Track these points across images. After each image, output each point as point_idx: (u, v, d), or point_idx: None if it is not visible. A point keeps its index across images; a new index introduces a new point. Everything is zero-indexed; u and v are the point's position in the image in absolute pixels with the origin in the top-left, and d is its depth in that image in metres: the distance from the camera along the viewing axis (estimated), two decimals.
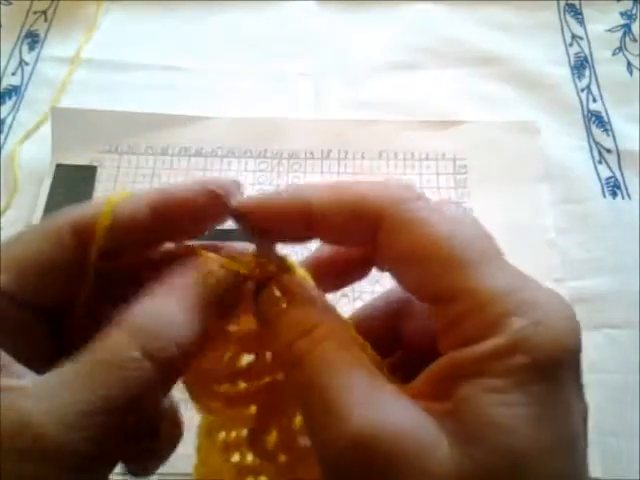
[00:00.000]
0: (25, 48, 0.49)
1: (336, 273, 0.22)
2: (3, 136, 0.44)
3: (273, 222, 0.20)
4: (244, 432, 0.20)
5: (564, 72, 0.48)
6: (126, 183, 0.41)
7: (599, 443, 0.33)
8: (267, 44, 0.49)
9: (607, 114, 0.46)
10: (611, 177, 0.43)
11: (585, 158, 0.44)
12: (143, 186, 0.41)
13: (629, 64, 0.48)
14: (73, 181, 0.41)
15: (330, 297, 0.37)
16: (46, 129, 0.43)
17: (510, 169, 0.42)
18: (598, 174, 0.43)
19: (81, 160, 0.42)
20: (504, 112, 0.45)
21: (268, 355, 0.20)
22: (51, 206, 0.40)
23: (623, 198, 0.42)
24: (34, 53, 0.48)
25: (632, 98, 0.46)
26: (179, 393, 0.20)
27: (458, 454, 0.16)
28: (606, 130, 0.45)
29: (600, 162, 0.43)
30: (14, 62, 0.48)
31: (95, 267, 0.18)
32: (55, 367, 0.17)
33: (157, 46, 0.49)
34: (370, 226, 0.18)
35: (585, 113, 0.46)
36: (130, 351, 0.17)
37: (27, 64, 0.48)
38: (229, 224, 0.20)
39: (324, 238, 0.20)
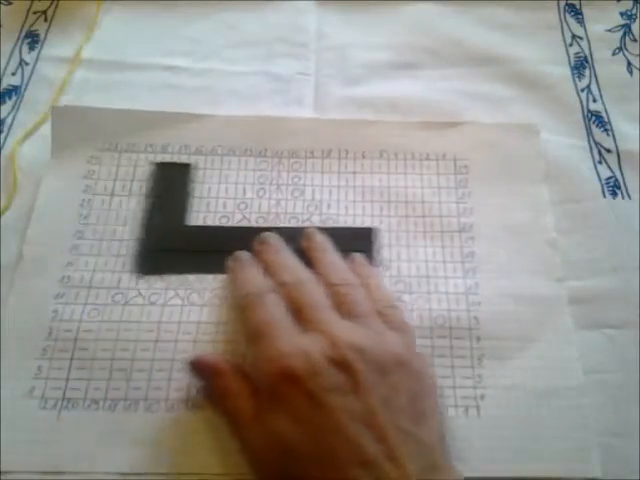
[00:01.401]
0: (25, 48, 0.49)
1: None
2: (3, 136, 0.44)
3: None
4: None
5: (564, 72, 0.48)
6: (126, 181, 0.41)
7: (599, 443, 0.33)
8: (267, 44, 0.49)
9: (607, 114, 0.46)
10: (611, 177, 0.43)
11: (585, 158, 0.44)
12: (143, 184, 0.41)
13: (629, 64, 0.48)
14: (170, 179, 0.41)
15: None
16: (46, 129, 0.43)
17: (510, 169, 0.42)
18: (598, 174, 0.43)
19: (80, 158, 0.42)
20: (504, 112, 0.46)
21: None
22: (150, 203, 0.40)
23: (623, 198, 0.42)
24: (34, 53, 0.48)
25: (632, 98, 0.46)
26: None
27: None
28: (606, 130, 0.45)
29: (600, 162, 0.44)
30: (14, 62, 0.48)
31: None
32: None
33: (157, 46, 0.49)
34: None
35: (585, 113, 0.46)
36: None
37: (27, 64, 0.48)
38: None
39: None
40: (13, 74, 0.47)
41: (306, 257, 0.37)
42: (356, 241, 0.39)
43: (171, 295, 0.37)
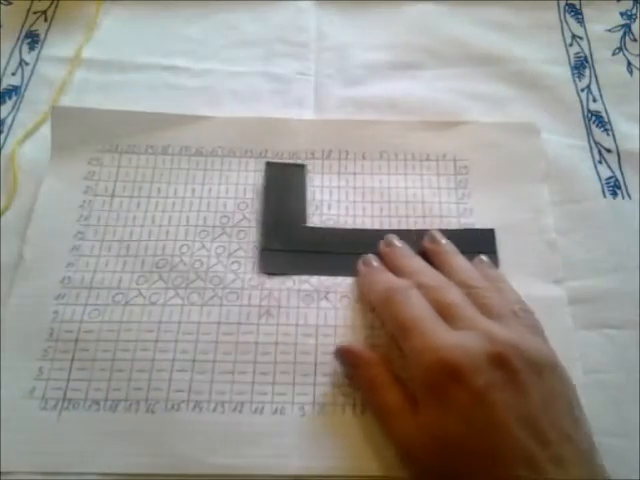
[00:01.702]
0: (25, 48, 0.49)
1: None
2: (3, 136, 0.44)
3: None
4: None
5: (564, 72, 0.48)
6: (126, 182, 0.41)
7: (599, 443, 0.33)
8: (267, 44, 0.49)
9: (607, 114, 0.46)
10: (611, 177, 0.43)
11: (585, 158, 0.44)
12: (143, 185, 0.41)
13: (629, 64, 0.48)
14: (283, 177, 0.41)
15: (331, 298, 0.37)
16: (46, 129, 0.43)
17: (510, 169, 0.42)
18: (598, 174, 0.43)
19: (81, 159, 0.42)
20: (504, 112, 0.46)
21: None
22: (270, 203, 0.40)
23: (623, 198, 0.42)
24: (34, 53, 0.48)
25: (632, 98, 0.46)
26: None
27: None
28: (606, 130, 0.45)
29: (600, 162, 0.44)
30: (14, 62, 0.48)
31: None
32: None
33: (157, 46, 0.49)
34: None
35: (585, 113, 0.46)
36: None
37: (27, 64, 0.48)
38: None
39: None
40: (13, 74, 0.47)
41: (427, 259, 0.37)
42: (478, 243, 0.39)
43: (171, 295, 0.37)
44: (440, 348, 0.30)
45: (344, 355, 0.34)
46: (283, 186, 0.41)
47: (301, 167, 0.42)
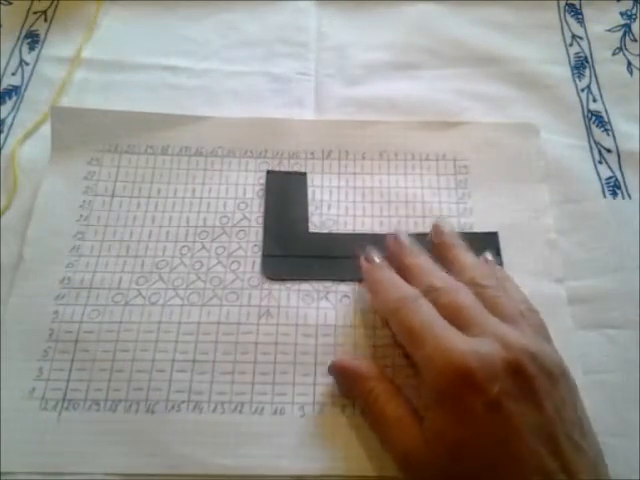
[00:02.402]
0: (25, 48, 0.49)
1: None
2: (3, 136, 0.44)
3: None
4: None
5: (564, 72, 0.48)
6: (126, 182, 0.41)
7: (599, 443, 0.33)
8: (267, 44, 0.49)
9: (607, 114, 0.46)
10: (611, 177, 0.43)
11: (585, 158, 0.44)
12: (143, 185, 0.41)
13: (629, 64, 0.48)
14: (284, 185, 0.41)
15: (331, 298, 0.37)
16: (46, 129, 0.43)
17: (510, 169, 0.42)
18: (598, 174, 0.43)
19: (80, 159, 0.42)
20: (504, 112, 0.46)
21: None
22: (273, 210, 0.40)
23: (623, 198, 0.42)
24: (34, 53, 0.48)
25: (632, 98, 0.46)
26: None
27: None
28: (606, 130, 0.45)
29: (600, 162, 0.44)
30: (14, 62, 0.48)
31: None
32: None
33: (157, 46, 0.49)
34: None
35: (585, 113, 0.46)
36: None
37: (27, 64, 0.48)
38: None
39: None
40: (13, 74, 0.47)
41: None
42: (481, 246, 0.38)
43: (171, 295, 0.37)
44: (453, 353, 0.29)
45: (339, 371, 0.34)
46: (284, 194, 0.41)
47: (302, 175, 0.42)
